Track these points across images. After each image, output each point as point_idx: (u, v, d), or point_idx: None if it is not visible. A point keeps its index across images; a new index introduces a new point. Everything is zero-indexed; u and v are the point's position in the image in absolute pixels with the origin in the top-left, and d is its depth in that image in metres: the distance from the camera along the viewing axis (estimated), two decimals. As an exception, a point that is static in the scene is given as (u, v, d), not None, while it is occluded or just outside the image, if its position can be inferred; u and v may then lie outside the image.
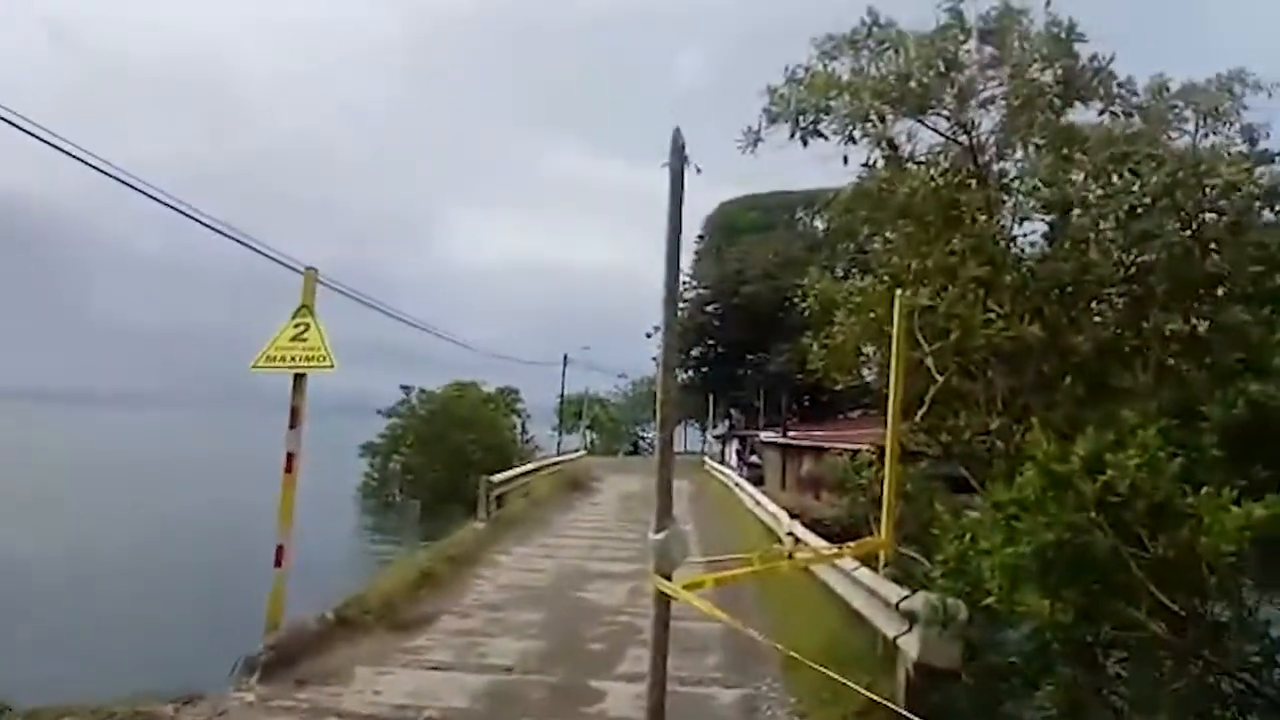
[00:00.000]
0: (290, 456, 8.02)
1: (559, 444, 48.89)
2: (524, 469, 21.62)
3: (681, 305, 54.83)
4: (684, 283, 55.91)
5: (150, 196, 7.77)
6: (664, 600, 5.41)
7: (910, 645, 6.46)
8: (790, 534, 11.80)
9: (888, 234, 9.33)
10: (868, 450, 12.21)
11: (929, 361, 8.26)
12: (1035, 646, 6.04)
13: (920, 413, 8.73)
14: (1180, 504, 4.85)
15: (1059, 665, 5.80)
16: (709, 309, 54.35)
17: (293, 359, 7.98)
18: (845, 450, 12.69)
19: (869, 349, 9.61)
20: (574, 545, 15.36)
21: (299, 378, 8.05)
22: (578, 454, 40.20)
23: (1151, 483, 4.82)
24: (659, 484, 5.40)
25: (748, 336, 49.78)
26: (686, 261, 57.74)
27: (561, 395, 56.25)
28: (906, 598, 6.77)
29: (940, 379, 8.34)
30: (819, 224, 52.14)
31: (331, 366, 7.98)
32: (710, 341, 54.94)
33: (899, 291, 7.92)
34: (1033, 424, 6.28)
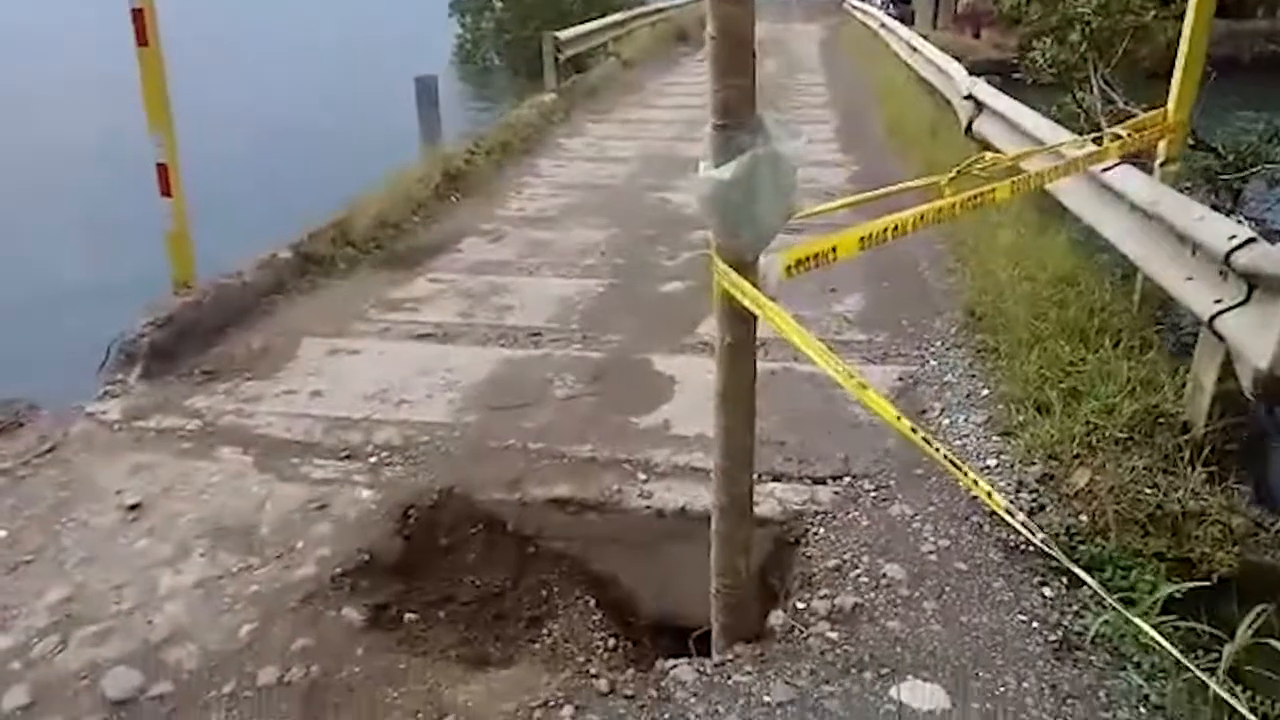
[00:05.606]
0: (139, 17, 4.80)
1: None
2: (609, 20, 17.33)
3: None
4: None
5: None
6: (740, 317, 2.33)
7: (1251, 338, 3.26)
8: (970, 97, 8.03)
9: None
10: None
11: None
12: None
13: None
14: None
15: None
16: None
17: None
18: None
19: None
20: (667, 120, 11.95)
21: None
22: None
23: None
24: (718, 24, 2.05)
25: None
26: None
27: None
28: (1244, 243, 3.42)
29: None
30: None
31: None
32: None
33: None
34: None
